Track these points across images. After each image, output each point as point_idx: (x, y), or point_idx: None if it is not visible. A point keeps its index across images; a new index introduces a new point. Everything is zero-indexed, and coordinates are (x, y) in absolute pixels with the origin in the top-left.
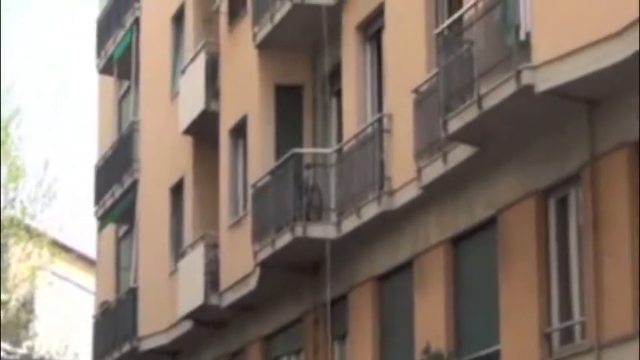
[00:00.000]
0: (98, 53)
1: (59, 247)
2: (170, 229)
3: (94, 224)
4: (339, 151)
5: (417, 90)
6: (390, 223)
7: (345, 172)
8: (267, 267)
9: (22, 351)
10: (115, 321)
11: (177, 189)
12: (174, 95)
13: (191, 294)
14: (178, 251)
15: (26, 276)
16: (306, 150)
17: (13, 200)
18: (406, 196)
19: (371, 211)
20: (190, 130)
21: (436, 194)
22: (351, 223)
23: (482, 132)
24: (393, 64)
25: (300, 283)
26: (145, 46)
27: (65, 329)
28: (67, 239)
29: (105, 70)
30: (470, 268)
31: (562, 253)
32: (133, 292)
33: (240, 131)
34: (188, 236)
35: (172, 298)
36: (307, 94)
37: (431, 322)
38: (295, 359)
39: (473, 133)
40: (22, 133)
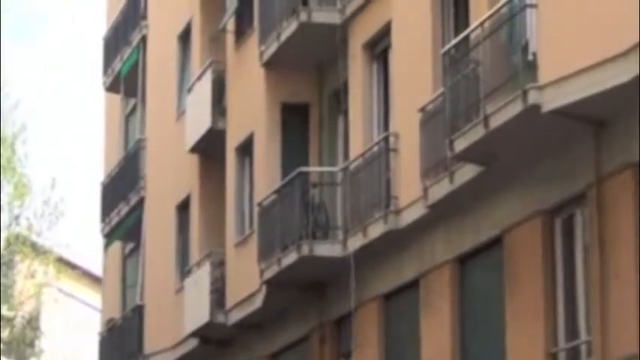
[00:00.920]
0: (105, 71)
1: (65, 264)
2: (176, 247)
3: (100, 242)
4: (346, 169)
5: (423, 109)
6: (396, 242)
7: (351, 190)
8: (274, 285)
9: None
10: (121, 338)
11: (183, 207)
12: (180, 113)
13: (197, 312)
14: (184, 269)
15: (32, 293)
16: (313, 168)
17: (19, 217)
18: (412, 215)
19: (377, 229)
20: (197, 148)
21: (442, 213)
22: (357, 242)
23: (488, 151)
24: (399, 83)
25: (306, 301)
26: (152, 63)
27: (71, 346)
28: (73, 256)
29: (111, 87)
30: (476, 288)
31: (568, 273)
32: (139, 310)
33: (246, 149)
34: (194, 254)
35: (178, 315)
36: (314, 113)
37: (436, 341)
38: None
39: (479, 152)
40: (28, 150)
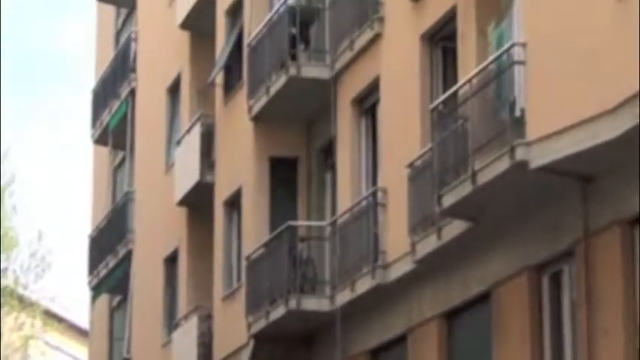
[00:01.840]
0: (93, 123)
1: (52, 317)
2: (164, 300)
3: (87, 294)
4: (334, 224)
5: (411, 164)
6: (384, 297)
7: (339, 245)
8: (261, 339)
9: None
10: None
11: (171, 260)
12: (169, 166)
13: None
14: (172, 322)
15: (18, 346)
16: (301, 223)
17: (6, 270)
18: (400, 270)
19: (365, 284)
20: (185, 201)
21: (430, 268)
22: (345, 296)
23: (476, 207)
24: (388, 138)
25: (293, 355)
26: (141, 116)
27: None
28: (60, 309)
29: (100, 140)
30: (464, 343)
31: (555, 329)
32: None
33: (234, 203)
34: (182, 307)
35: None
36: (302, 167)
37: None
38: None
39: (467, 208)
40: (15, 202)
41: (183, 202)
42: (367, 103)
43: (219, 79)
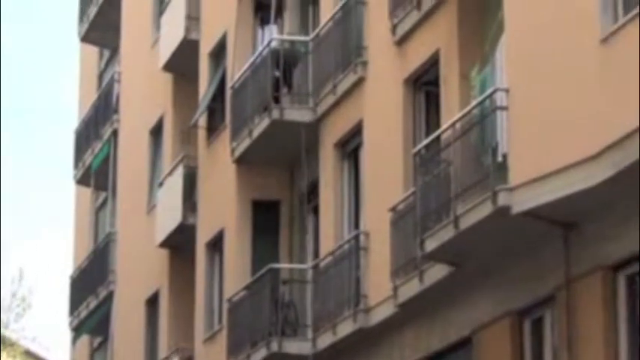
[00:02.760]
0: (76, 164)
1: (32, 357)
2: (145, 342)
3: (68, 335)
4: (316, 267)
5: (394, 208)
6: (365, 341)
7: (321, 288)
8: None
9: None
10: None
11: (152, 301)
12: (151, 208)
13: None
14: None
15: None
16: (283, 265)
17: None
18: (382, 313)
19: (347, 327)
20: (167, 242)
21: (412, 313)
22: (326, 340)
23: (458, 252)
24: (370, 181)
25: None
26: (123, 157)
27: None
28: (41, 349)
29: (82, 180)
30: None
31: None
32: None
33: (216, 245)
34: (163, 349)
35: None
36: (284, 210)
37: None
38: None
39: (449, 252)
40: None
41: (165, 244)
42: (350, 147)
43: (202, 121)
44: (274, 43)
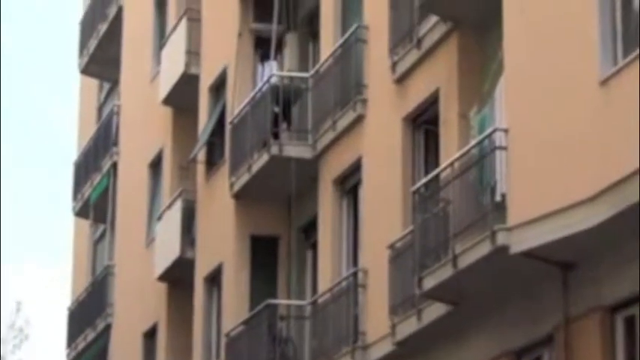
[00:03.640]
0: (74, 196)
1: None
2: None
3: None
4: (314, 303)
5: (392, 246)
6: None
7: (319, 324)
8: None
9: None
10: None
11: (150, 335)
12: (149, 241)
13: None
14: None
15: None
16: (281, 301)
17: None
18: (380, 351)
19: None
20: (165, 276)
21: (410, 351)
22: None
23: (456, 291)
24: (369, 219)
25: None
26: (122, 190)
27: None
28: None
29: (81, 212)
30: None
31: None
32: None
33: (215, 280)
34: None
35: None
36: (283, 246)
37: None
38: None
39: (447, 291)
40: None
41: (163, 278)
42: (349, 184)
43: (202, 155)
44: (274, 79)
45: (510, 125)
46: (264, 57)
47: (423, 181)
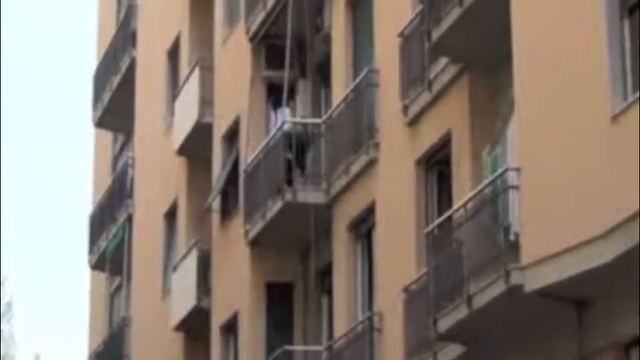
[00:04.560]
0: (90, 249)
1: None
2: None
3: None
4: (330, 348)
5: (407, 289)
6: None
7: None
8: None
9: None
10: None
11: None
12: (165, 292)
13: None
14: None
15: None
16: (297, 347)
17: None
18: None
19: None
20: (182, 326)
21: None
22: None
23: (471, 331)
24: (383, 262)
25: None
26: (138, 242)
27: None
28: None
29: (97, 265)
30: None
31: None
32: None
33: (231, 328)
34: None
35: None
36: (298, 292)
37: None
38: None
39: (462, 332)
40: (12, 327)
41: (180, 327)
42: (363, 228)
43: (216, 204)
44: (287, 126)
45: (522, 165)
46: (277, 104)
47: (437, 222)
